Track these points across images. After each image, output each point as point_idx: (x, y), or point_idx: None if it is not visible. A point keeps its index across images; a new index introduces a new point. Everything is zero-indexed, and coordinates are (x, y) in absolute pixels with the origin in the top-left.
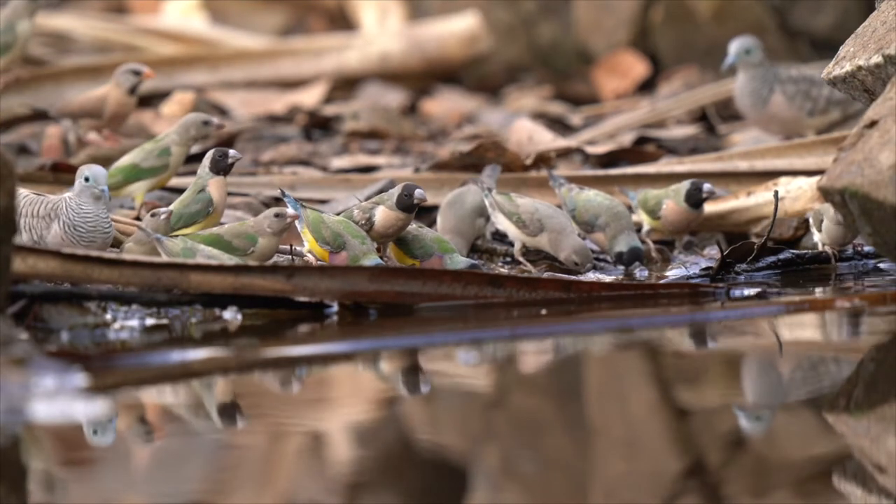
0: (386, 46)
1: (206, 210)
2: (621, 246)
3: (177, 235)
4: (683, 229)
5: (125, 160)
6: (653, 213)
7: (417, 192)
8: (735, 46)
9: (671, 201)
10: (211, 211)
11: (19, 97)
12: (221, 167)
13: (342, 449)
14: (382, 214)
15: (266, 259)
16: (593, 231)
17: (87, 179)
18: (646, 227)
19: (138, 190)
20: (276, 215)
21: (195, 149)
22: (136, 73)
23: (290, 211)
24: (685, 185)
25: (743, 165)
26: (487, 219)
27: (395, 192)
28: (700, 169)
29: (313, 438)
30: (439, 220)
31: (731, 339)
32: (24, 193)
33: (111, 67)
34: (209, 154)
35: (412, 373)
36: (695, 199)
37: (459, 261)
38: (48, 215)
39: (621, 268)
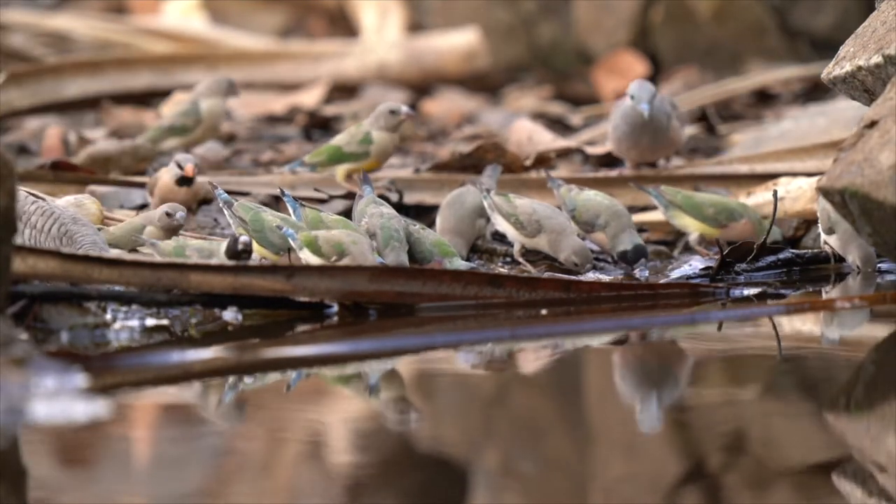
0: (384, 56)
1: None
2: (625, 244)
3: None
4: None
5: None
6: (715, 221)
7: None
8: (647, 92)
9: (748, 221)
10: None
11: (19, 91)
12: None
13: (341, 449)
14: None
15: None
16: (594, 231)
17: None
18: (694, 235)
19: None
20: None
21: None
22: (179, 167)
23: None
24: (758, 213)
25: (743, 169)
26: (488, 219)
27: None
28: (700, 172)
29: (313, 438)
30: (439, 220)
31: (731, 338)
32: (30, 200)
33: (111, 63)
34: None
35: (410, 374)
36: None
37: (459, 265)
38: (60, 238)
39: (622, 268)
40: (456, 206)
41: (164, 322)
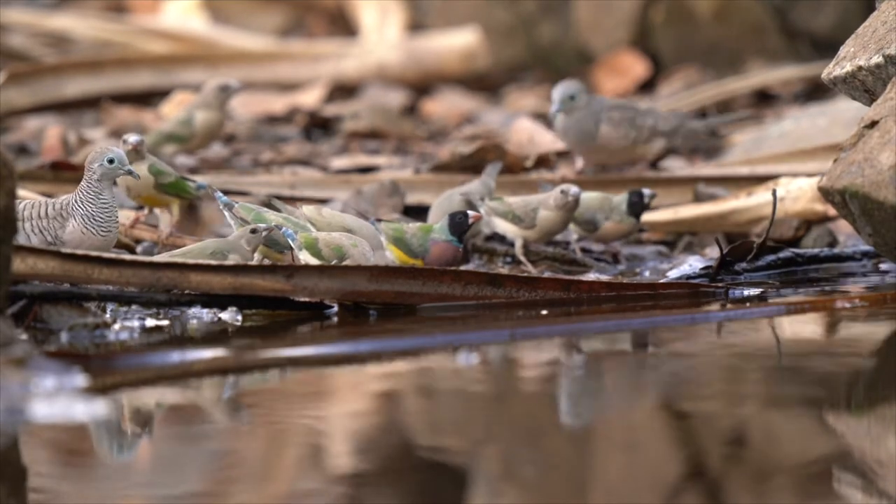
0: (384, 57)
1: None
2: (633, 197)
3: None
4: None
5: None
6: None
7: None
8: (559, 94)
9: (612, 223)
10: None
11: (19, 91)
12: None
13: (341, 450)
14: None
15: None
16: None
17: (111, 161)
18: (574, 236)
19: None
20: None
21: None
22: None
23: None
24: (624, 198)
25: (743, 170)
26: None
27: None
28: (701, 173)
29: (312, 439)
30: (430, 217)
31: (731, 339)
32: (20, 198)
33: (111, 63)
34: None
35: (412, 375)
36: (638, 209)
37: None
38: (59, 215)
39: (621, 267)
40: (444, 205)
41: (164, 322)
